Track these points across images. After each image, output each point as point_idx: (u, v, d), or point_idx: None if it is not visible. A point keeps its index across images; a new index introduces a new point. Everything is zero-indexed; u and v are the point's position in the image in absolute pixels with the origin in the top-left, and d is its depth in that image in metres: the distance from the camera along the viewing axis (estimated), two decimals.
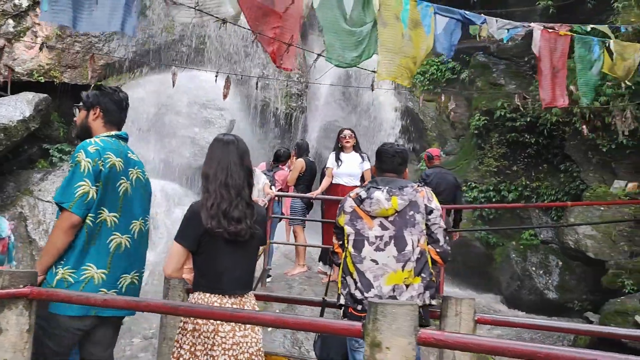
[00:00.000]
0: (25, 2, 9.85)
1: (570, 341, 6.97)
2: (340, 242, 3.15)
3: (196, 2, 3.26)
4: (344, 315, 3.08)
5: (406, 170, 3.26)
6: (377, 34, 4.23)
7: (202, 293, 2.64)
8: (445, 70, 12.01)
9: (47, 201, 8.69)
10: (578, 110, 8.37)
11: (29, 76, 9.95)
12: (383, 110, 12.27)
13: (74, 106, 3.10)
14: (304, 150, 7.48)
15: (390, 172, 3.19)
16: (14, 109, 8.96)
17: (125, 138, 2.97)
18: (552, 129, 9.48)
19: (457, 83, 11.75)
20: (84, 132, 2.91)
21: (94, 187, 2.67)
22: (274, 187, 6.99)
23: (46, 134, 9.96)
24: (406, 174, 3.25)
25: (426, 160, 7.32)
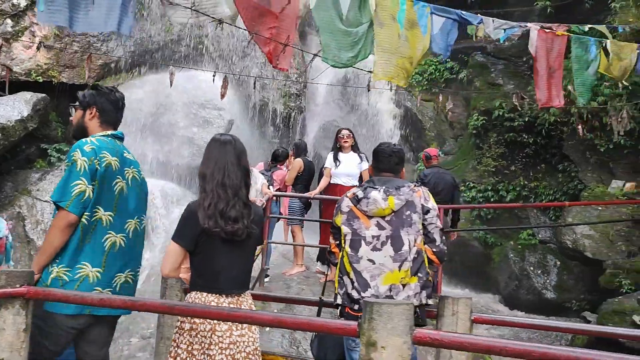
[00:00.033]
0: (23, 2, 9.83)
1: (567, 341, 6.98)
2: (337, 242, 3.16)
3: (192, 2, 3.26)
4: (340, 315, 3.08)
5: (403, 170, 3.26)
6: (374, 35, 4.24)
7: (199, 292, 2.64)
8: (444, 70, 12.02)
9: (45, 201, 8.68)
10: (576, 110, 8.39)
11: (27, 76, 9.93)
12: (381, 110, 12.28)
13: (70, 105, 3.10)
14: (302, 150, 7.49)
15: (387, 171, 3.19)
16: (12, 109, 8.95)
17: (121, 137, 2.97)
18: (550, 129, 9.49)
19: (456, 83, 11.76)
20: (80, 132, 2.91)
21: (90, 186, 2.67)
22: (271, 187, 6.99)
23: (44, 133, 9.95)
24: (403, 173, 3.26)
25: (424, 160, 7.33)
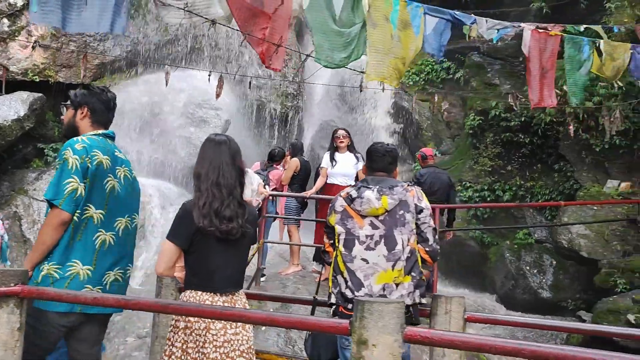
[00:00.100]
0: (20, 2, 9.83)
1: (563, 340, 7.01)
2: (331, 241, 3.16)
3: (185, 3, 3.27)
4: (334, 314, 3.09)
5: (396, 170, 3.28)
6: (366, 35, 4.25)
7: (194, 291, 2.66)
8: (441, 70, 12.04)
9: (41, 200, 8.68)
10: (571, 110, 8.42)
11: (23, 75, 9.93)
12: (379, 110, 12.30)
13: (61, 104, 3.10)
14: (298, 149, 7.51)
15: (380, 171, 3.21)
16: (9, 109, 8.95)
17: (112, 137, 2.98)
18: (546, 128, 9.53)
19: (452, 83, 11.79)
20: (71, 131, 2.92)
21: (82, 184, 2.68)
22: (267, 186, 7.00)
23: (41, 133, 9.95)
24: (396, 173, 3.28)
25: (420, 160, 7.34)
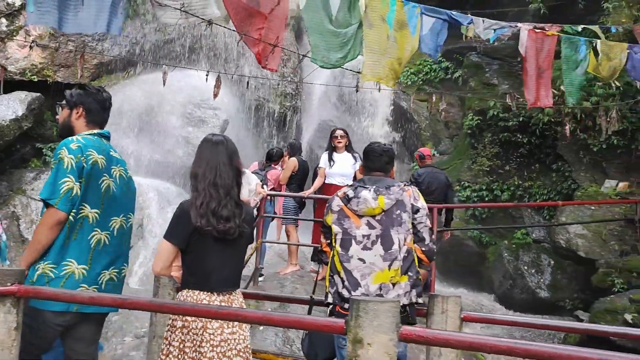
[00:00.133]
0: (18, 1, 9.82)
1: (560, 339, 7.01)
2: (328, 241, 3.17)
3: (182, 3, 3.27)
4: (331, 314, 3.09)
5: (393, 169, 3.29)
6: (363, 36, 4.25)
7: (191, 290, 2.66)
8: (439, 70, 12.06)
9: (39, 200, 8.67)
10: (569, 110, 8.43)
11: (21, 75, 9.92)
12: (377, 110, 12.31)
13: (56, 104, 3.11)
14: (296, 149, 7.52)
15: (377, 170, 3.21)
16: (7, 108, 8.94)
17: (107, 136, 2.98)
18: (545, 128, 9.54)
19: (451, 83, 11.80)
20: (67, 131, 2.92)
21: (78, 183, 2.68)
22: (265, 186, 7.01)
23: (39, 133, 9.94)
24: (393, 172, 3.29)
25: (418, 160, 7.35)
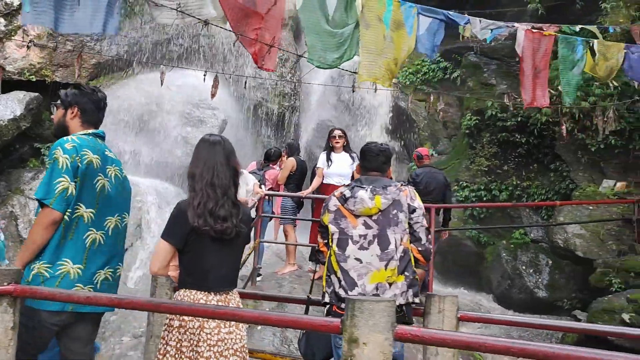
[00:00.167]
0: (16, 1, 9.80)
1: (558, 339, 7.02)
2: (325, 241, 3.17)
3: (178, 3, 3.27)
4: (328, 313, 3.10)
5: (390, 169, 3.30)
6: (359, 36, 4.25)
7: (188, 290, 2.67)
8: (437, 70, 12.07)
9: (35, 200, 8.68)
10: (567, 110, 8.44)
11: (20, 75, 9.91)
12: (376, 109, 12.31)
13: (51, 104, 3.11)
14: (294, 149, 7.53)
15: (374, 170, 3.22)
16: (5, 108, 8.94)
17: (102, 136, 2.99)
18: (543, 128, 9.54)
19: (449, 83, 11.81)
20: (61, 131, 2.92)
21: (73, 183, 2.69)
22: (263, 186, 7.02)
23: (37, 133, 9.93)
24: (390, 172, 3.29)
25: (416, 159, 7.35)
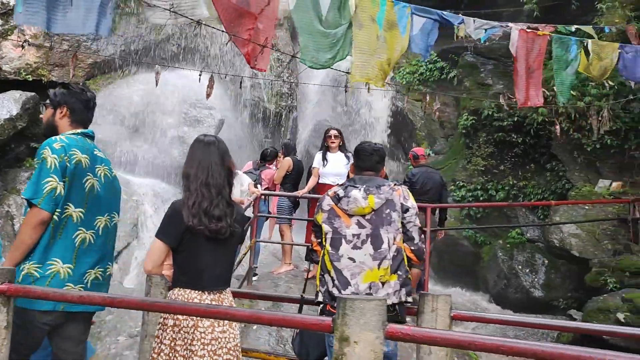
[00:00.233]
0: (12, 1, 9.80)
1: (554, 338, 7.04)
2: (319, 240, 3.18)
3: (171, 4, 3.27)
4: (321, 313, 3.10)
5: (383, 169, 3.31)
6: (352, 36, 4.26)
7: (182, 289, 2.68)
8: (434, 70, 12.08)
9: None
10: (563, 110, 8.46)
11: (16, 75, 9.88)
12: (373, 109, 12.31)
13: (41, 103, 3.14)
14: (291, 149, 7.55)
15: (368, 170, 3.23)
16: (1, 108, 8.90)
17: (91, 136, 3.00)
18: (539, 128, 9.55)
19: (446, 83, 11.82)
20: (50, 130, 2.94)
21: (61, 183, 2.69)
22: (260, 185, 7.02)
23: (34, 132, 9.88)
24: (383, 172, 3.30)
25: (412, 159, 7.36)
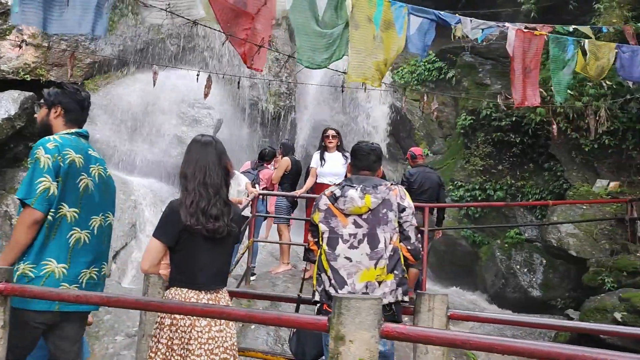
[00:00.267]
0: (10, 0, 9.79)
1: (551, 338, 7.06)
2: (316, 240, 3.19)
3: (167, 4, 3.27)
4: (318, 312, 3.11)
5: (380, 168, 3.32)
6: (349, 36, 4.26)
7: (179, 288, 2.69)
8: (433, 70, 12.10)
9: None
10: (561, 110, 8.47)
11: (14, 74, 9.87)
12: (372, 109, 12.32)
13: (35, 103, 3.15)
14: (289, 149, 7.55)
15: (365, 169, 3.24)
16: None
17: (85, 136, 3.00)
18: (537, 128, 9.57)
19: (444, 83, 11.84)
20: (45, 130, 2.93)
21: (55, 183, 2.69)
22: (258, 185, 7.03)
23: (32, 132, 9.87)
24: (380, 171, 3.31)
25: (409, 159, 7.36)
